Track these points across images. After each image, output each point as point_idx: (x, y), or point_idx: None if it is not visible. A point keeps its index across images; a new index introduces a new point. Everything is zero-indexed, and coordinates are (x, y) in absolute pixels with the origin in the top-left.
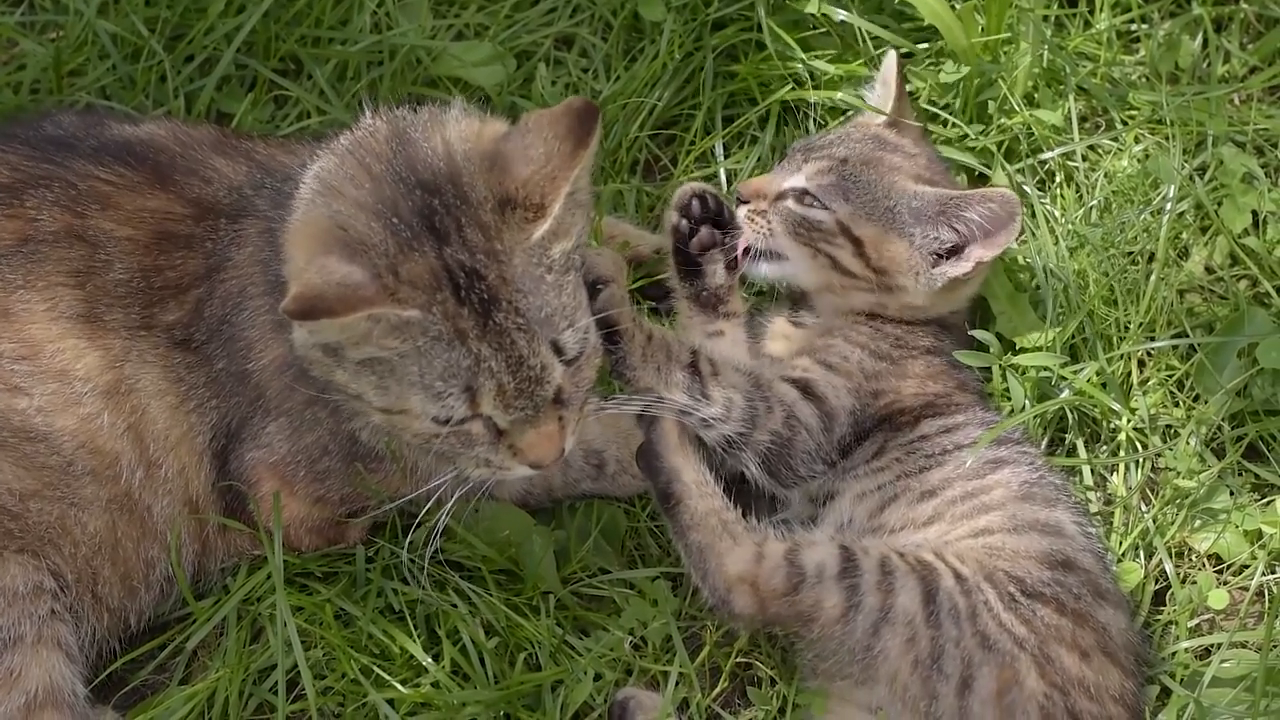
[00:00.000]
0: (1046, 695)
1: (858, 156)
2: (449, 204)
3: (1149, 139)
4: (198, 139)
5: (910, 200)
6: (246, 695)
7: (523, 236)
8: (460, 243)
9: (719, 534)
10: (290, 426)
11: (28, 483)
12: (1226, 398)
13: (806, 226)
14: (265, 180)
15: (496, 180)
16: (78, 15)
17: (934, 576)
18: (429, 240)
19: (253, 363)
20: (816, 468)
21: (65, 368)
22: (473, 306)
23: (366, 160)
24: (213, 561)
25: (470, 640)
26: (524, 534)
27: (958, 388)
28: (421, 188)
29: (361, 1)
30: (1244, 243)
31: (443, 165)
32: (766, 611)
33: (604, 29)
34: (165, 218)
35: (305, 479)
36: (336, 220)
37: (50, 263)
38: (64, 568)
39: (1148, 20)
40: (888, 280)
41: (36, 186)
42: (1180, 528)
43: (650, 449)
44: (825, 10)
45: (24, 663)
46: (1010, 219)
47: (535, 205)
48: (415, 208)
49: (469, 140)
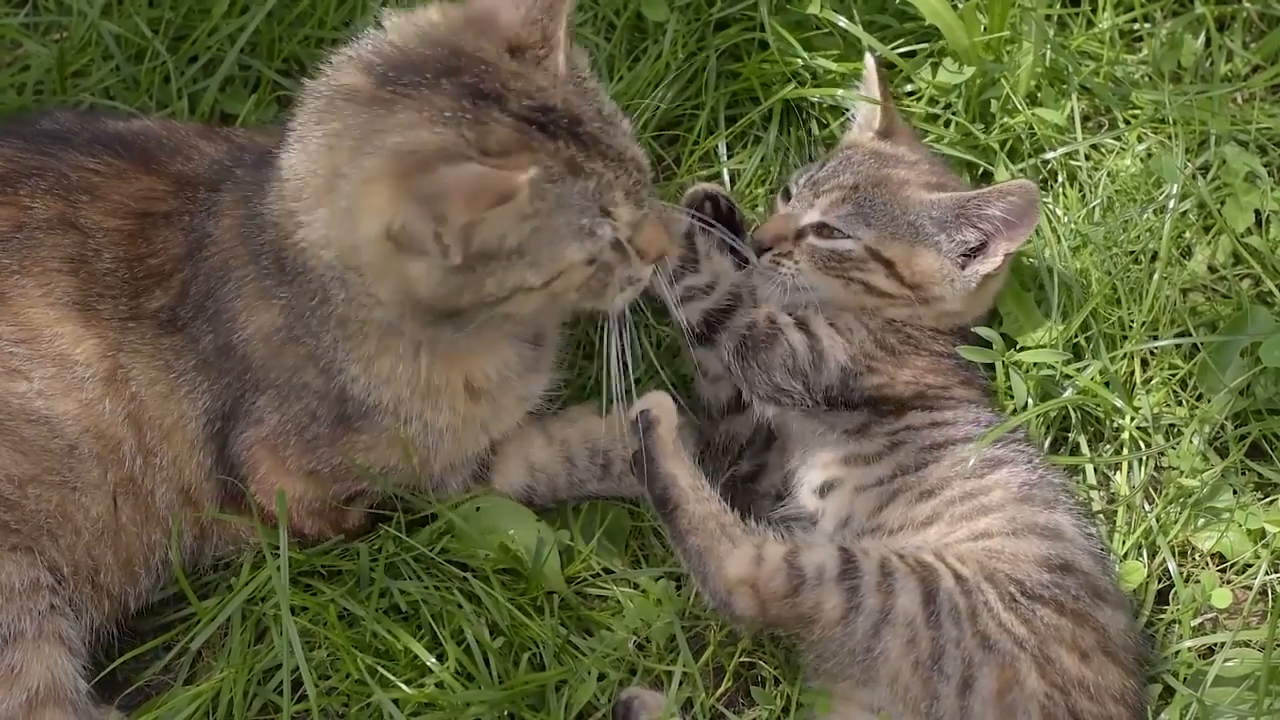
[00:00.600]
0: (1047, 695)
1: (866, 179)
2: (477, 72)
3: (1152, 138)
4: (184, 128)
5: (929, 210)
6: (251, 695)
7: (551, 68)
8: (513, 93)
9: (718, 537)
10: (278, 397)
11: (26, 468)
12: (1229, 397)
13: (836, 259)
14: (243, 156)
15: (493, 36)
16: (81, 16)
17: (934, 577)
18: (487, 107)
19: (238, 333)
20: (793, 384)
21: (64, 351)
22: (564, 136)
23: (376, 93)
24: (209, 548)
25: (475, 640)
26: (529, 533)
27: (960, 383)
28: (443, 75)
29: (364, 2)
30: (1247, 242)
31: (441, 49)
32: (768, 613)
33: (607, 29)
34: (148, 197)
35: (295, 449)
36: (400, 151)
37: (45, 249)
38: (61, 560)
39: (1150, 19)
40: (924, 293)
41: (30, 176)
42: (1183, 527)
43: (645, 455)
44: (827, 15)
45: (25, 659)
46: (1031, 208)
47: (538, 44)
48: (453, 92)
49: (436, 22)
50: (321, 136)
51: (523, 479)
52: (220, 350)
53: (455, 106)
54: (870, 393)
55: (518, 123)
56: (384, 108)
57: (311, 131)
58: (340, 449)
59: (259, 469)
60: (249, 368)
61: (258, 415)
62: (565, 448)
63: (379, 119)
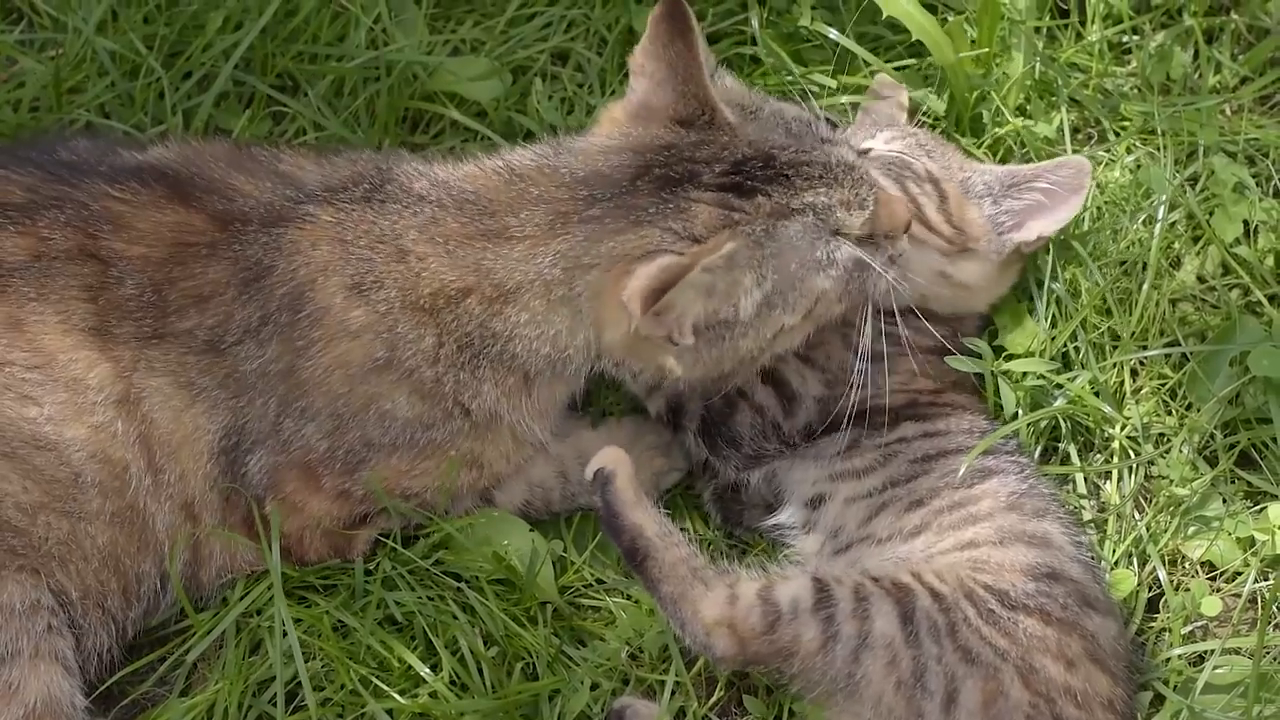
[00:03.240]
0: (1032, 704)
1: (926, 137)
2: (661, 159)
3: (1141, 149)
4: (213, 159)
5: (983, 175)
6: (246, 707)
7: (721, 122)
8: (702, 162)
9: (690, 582)
10: (333, 424)
11: (36, 495)
12: (1219, 406)
13: (900, 165)
14: (310, 192)
15: (658, 119)
16: (76, 33)
17: (910, 598)
18: (685, 189)
19: (310, 361)
20: (767, 445)
21: (77, 376)
22: (763, 185)
23: (579, 207)
24: (207, 573)
25: (469, 650)
26: (523, 544)
27: (953, 386)
28: (632, 176)
29: (358, 18)
30: (1236, 252)
31: (624, 142)
32: (747, 651)
33: (599, 44)
34: (183, 228)
35: (338, 472)
36: (623, 255)
37: (63, 277)
38: (69, 584)
39: (1139, 32)
40: (964, 239)
41: (49, 207)
42: (1173, 535)
43: (607, 510)
44: (818, 28)
45: (22, 676)
46: (1079, 189)
47: (699, 110)
48: (650, 187)
49: (613, 121)
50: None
51: (522, 495)
52: (273, 375)
53: (648, 198)
54: (859, 408)
55: (717, 195)
56: (598, 230)
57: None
58: (390, 471)
59: (285, 488)
60: (304, 394)
61: (301, 443)
62: (560, 462)
63: (593, 239)
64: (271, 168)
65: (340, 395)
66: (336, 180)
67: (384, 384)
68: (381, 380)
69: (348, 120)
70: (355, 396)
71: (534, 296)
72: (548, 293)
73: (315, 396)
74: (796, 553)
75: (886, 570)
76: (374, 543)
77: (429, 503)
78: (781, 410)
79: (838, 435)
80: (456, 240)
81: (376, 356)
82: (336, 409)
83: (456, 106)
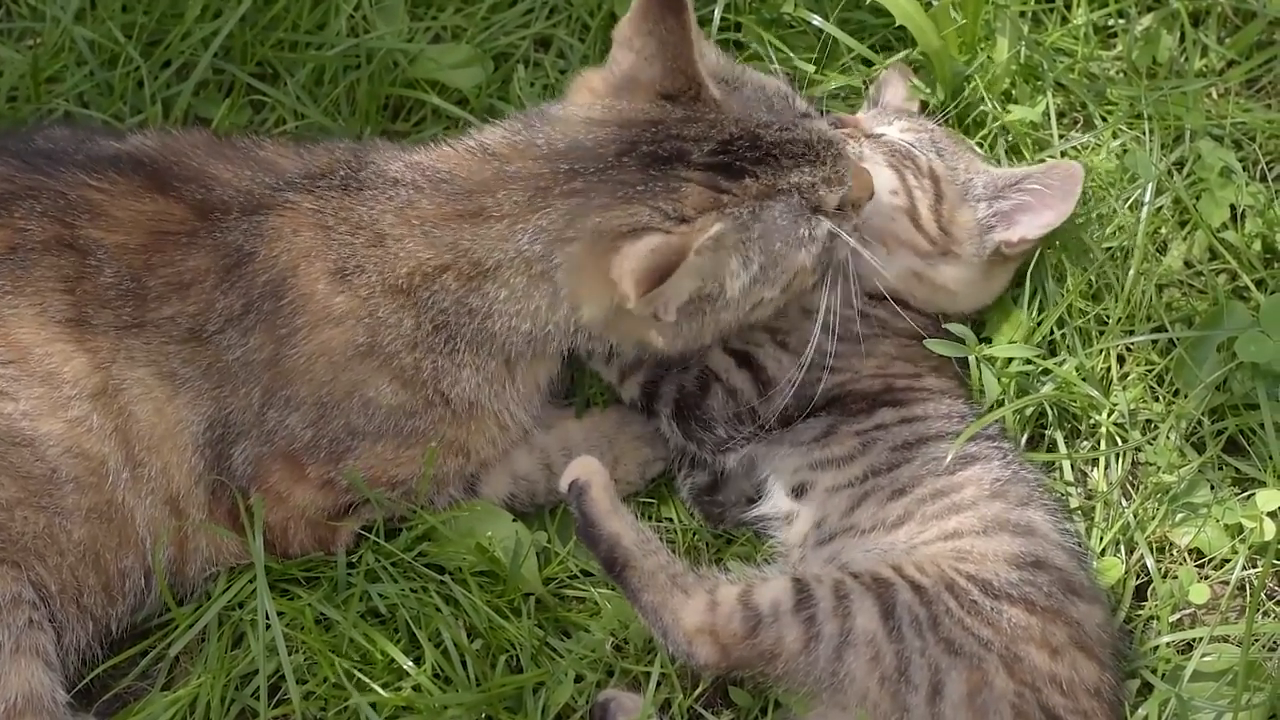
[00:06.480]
0: (1018, 693)
1: (941, 135)
2: (649, 135)
3: (1127, 134)
4: (192, 148)
5: (985, 178)
6: (229, 701)
7: (708, 98)
8: (690, 141)
9: (669, 590)
10: (317, 413)
11: (12, 491)
12: (1206, 392)
13: (903, 154)
14: (289, 179)
15: (643, 93)
16: (55, 22)
17: (890, 592)
18: (674, 167)
19: (294, 349)
20: (741, 428)
21: (53, 370)
22: (750, 166)
23: (559, 180)
24: (192, 567)
25: (452, 643)
26: (506, 535)
27: (931, 371)
28: (618, 151)
29: (338, 5)
30: (1222, 237)
31: (607, 115)
32: (730, 657)
33: (581, 30)
34: (162, 217)
35: (322, 461)
36: (609, 231)
37: (39, 269)
38: (48, 578)
39: (1125, 15)
40: (949, 243)
41: (25, 198)
42: (1161, 522)
43: (584, 521)
44: (801, 13)
45: (2, 671)
46: (1068, 195)
47: (686, 85)
48: (638, 164)
49: (591, 91)
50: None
51: (507, 488)
52: (255, 364)
53: (638, 175)
54: (834, 392)
55: (703, 175)
56: (580, 203)
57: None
58: (375, 459)
59: (269, 478)
60: (288, 383)
61: (286, 432)
62: (545, 455)
63: (580, 214)
64: (251, 155)
65: (324, 383)
66: (315, 167)
67: (366, 370)
68: (364, 367)
69: (328, 108)
70: (339, 384)
71: (514, 273)
72: (528, 268)
73: (299, 385)
74: (781, 543)
75: (867, 565)
76: (357, 535)
77: (415, 491)
78: (757, 393)
79: (814, 420)
80: (432, 221)
81: (359, 342)
82: (320, 397)
83: (438, 94)
